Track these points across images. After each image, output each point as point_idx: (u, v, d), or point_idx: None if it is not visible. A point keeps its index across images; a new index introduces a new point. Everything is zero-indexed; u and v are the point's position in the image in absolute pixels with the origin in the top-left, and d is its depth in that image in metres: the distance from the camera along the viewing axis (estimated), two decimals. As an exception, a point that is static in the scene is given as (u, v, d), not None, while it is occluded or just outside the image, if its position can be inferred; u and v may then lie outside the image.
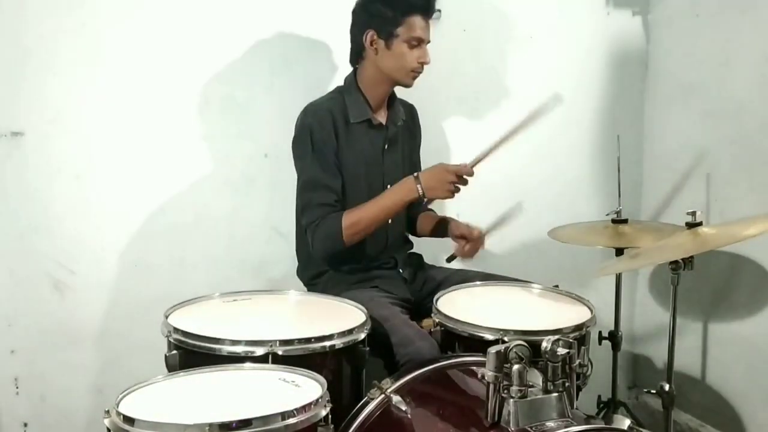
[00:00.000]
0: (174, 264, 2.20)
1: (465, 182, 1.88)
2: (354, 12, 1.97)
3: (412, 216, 2.19)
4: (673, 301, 1.80)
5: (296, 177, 2.00)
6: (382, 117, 2.03)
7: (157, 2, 2.10)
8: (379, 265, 2.03)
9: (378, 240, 2.01)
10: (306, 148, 1.92)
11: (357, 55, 2.00)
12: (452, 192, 1.88)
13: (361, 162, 1.97)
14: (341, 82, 2.06)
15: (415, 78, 1.97)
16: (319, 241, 1.90)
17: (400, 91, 2.09)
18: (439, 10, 1.98)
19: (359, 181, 1.97)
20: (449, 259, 2.08)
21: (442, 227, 2.12)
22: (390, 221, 2.02)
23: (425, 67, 1.96)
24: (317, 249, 1.92)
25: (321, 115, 1.93)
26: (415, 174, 1.89)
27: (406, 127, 2.12)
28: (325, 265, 2.00)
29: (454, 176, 1.86)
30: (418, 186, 1.86)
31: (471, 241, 2.00)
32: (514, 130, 1.87)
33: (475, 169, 1.88)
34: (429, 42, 1.96)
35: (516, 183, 2.56)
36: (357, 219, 1.88)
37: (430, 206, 2.25)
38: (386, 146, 2.03)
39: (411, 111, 2.16)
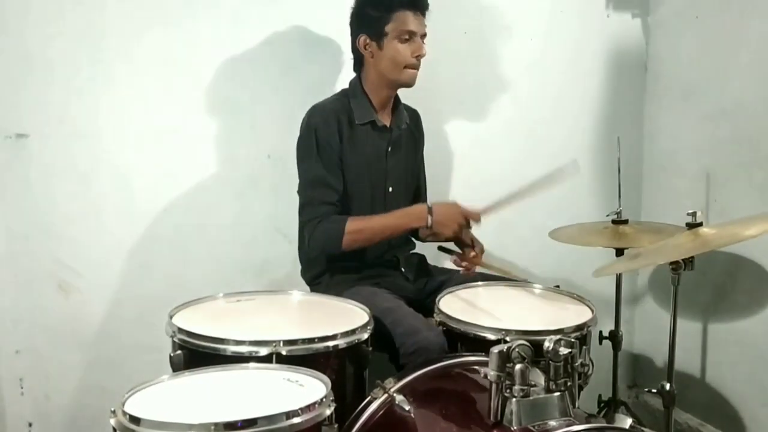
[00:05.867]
0: (178, 264, 2.21)
1: (470, 227, 1.92)
2: (349, 21, 2.00)
3: None
4: (673, 300, 1.81)
5: (298, 177, 2.01)
6: (386, 120, 2.04)
7: (160, 5, 2.11)
8: (381, 264, 2.04)
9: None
10: (310, 148, 1.94)
11: (358, 62, 2.03)
12: (457, 234, 1.91)
13: (364, 163, 1.99)
14: (345, 85, 2.07)
15: (413, 75, 1.96)
16: (318, 240, 1.90)
17: (404, 96, 2.10)
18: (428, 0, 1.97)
19: (362, 182, 1.99)
20: (441, 248, 2.09)
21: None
22: None
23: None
24: (314, 247, 1.92)
25: (326, 116, 1.94)
26: (429, 205, 1.91)
27: (410, 131, 2.13)
28: (327, 263, 2.01)
29: (464, 219, 1.89)
30: (429, 217, 1.88)
31: (467, 260, 2.00)
32: (530, 188, 1.90)
33: (483, 218, 1.93)
34: (424, 35, 1.96)
35: (517, 184, 2.57)
36: (361, 228, 1.89)
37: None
38: (389, 148, 2.04)
39: (415, 116, 2.18)
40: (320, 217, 1.90)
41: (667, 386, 1.84)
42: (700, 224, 1.70)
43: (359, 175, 1.98)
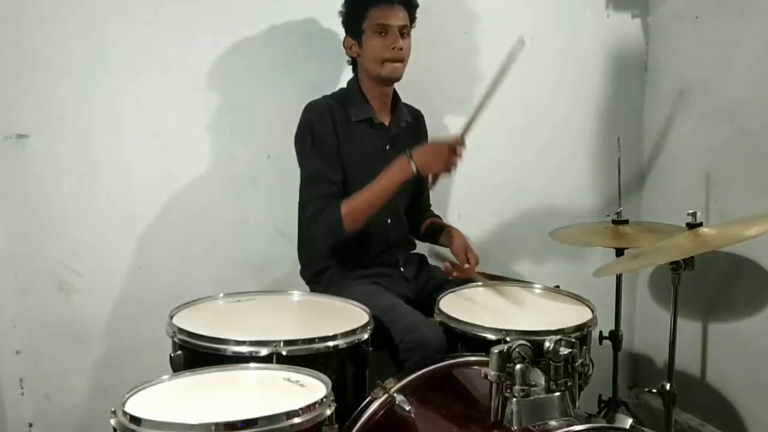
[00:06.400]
0: (178, 264, 2.21)
1: (459, 155, 1.84)
2: None
3: (417, 220, 2.20)
4: (673, 300, 1.81)
5: (299, 176, 2.02)
6: (385, 118, 2.05)
7: (160, 4, 2.11)
8: (380, 264, 2.04)
9: (379, 240, 2.03)
10: (306, 144, 1.94)
11: (353, 62, 2.05)
12: (448, 166, 1.83)
13: (362, 160, 1.98)
14: (345, 84, 2.07)
15: (394, 68, 1.94)
16: (322, 232, 1.90)
17: (404, 96, 2.11)
18: None
19: (360, 180, 1.97)
20: (436, 255, 2.08)
21: (444, 240, 2.11)
22: (389, 221, 2.04)
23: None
24: (321, 240, 1.93)
25: (321, 111, 1.95)
26: (408, 152, 1.86)
27: (410, 130, 2.13)
28: (326, 261, 2.01)
29: (447, 149, 1.83)
30: (412, 163, 1.83)
31: (461, 271, 1.95)
32: (492, 88, 1.83)
33: (466, 137, 1.86)
34: (403, 26, 1.94)
35: (517, 184, 2.58)
36: (354, 205, 1.87)
37: (431, 204, 2.27)
38: (388, 147, 2.04)
39: (417, 116, 2.17)
40: (319, 210, 1.90)
41: (668, 386, 1.84)
42: (700, 224, 1.70)
43: (357, 173, 1.97)
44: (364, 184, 1.97)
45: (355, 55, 1.99)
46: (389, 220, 2.05)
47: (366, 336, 1.58)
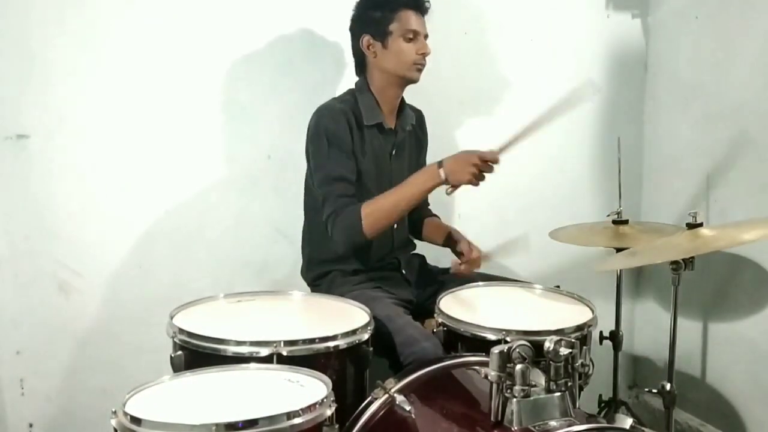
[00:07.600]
0: (178, 265, 2.21)
1: (490, 169, 1.78)
2: (350, 25, 1.99)
3: (416, 219, 2.20)
4: (673, 300, 1.82)
5: (304, 176, 2.02)
6: (391, 122, 2.03)
7: (161, 5, 2.12)
8: (382, 267, 2.04)
9: (384, 243, 2.02)
10: (322, 146, 1.90)
11: (360, 65, 2.01)
12: (476, 177, 1.77)
13: (372, 166, 1.97)
14: (345, 85, 2.07)
15: (420, 71, 1.97)
16: (339, 233, 1.86)
17: (406, 95, 2.10)
18: (428, 2, 1.97)
19: (368, 185, 1.96)
20: (443, 272, 2.08)
21: (444, 238, 2.11)
22: (396, 225, 2.02)
23: (427, 70, 1.97)
24: (338, 241, 1.88)
25: (336, 117, 1.92)
26: (439, 160, 1.82)
27: (414, 133, 2.12)
28: (329, 265, 2.01)
29: (478, 160, 1.76)
30: (441, 171, 1.79)
31: (467, 261, 1.97)
32: (545, 117, 1.78)
33: (502, 155, 1.78)
34: (426, 35, 1.96)
35: (517, 184, 2.58)
36: (376, 207, 1.84)
37: (434, 211, 2.27)
38: (393, 151, 2.03)
39: (419, 117, 2.17)
40: (337, 211, 1.86)
41: (668, 386, 1.84)
42: (701, 224, 1.70)
43: (365, 179, 1.96)
44: (372, 190, 1.95)
45: (373, 55, 1.96)
46: (395, 225, 2.02)
47: (366, 336, 1.57)
